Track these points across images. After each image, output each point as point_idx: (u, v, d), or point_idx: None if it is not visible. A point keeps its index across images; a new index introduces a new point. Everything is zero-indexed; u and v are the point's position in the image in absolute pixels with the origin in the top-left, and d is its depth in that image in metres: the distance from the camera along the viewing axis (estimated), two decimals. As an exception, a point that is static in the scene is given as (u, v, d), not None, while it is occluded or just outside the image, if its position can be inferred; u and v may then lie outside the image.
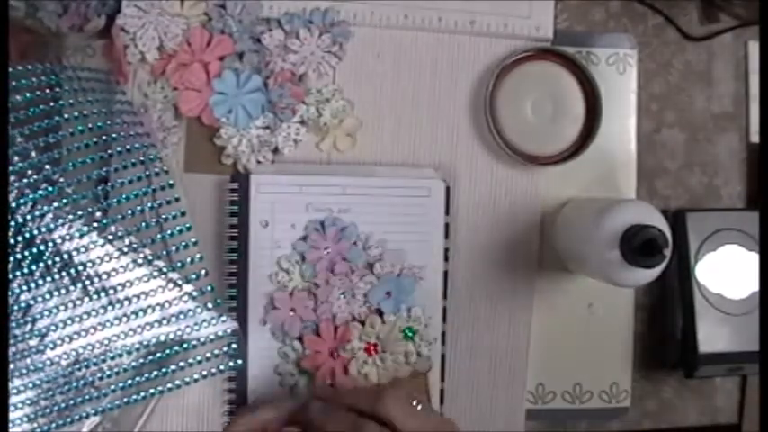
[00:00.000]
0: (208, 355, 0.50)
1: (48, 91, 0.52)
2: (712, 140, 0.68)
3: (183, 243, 0.50)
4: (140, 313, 0.50)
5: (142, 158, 0.52)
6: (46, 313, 0.49)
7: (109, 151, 0.51)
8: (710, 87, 0.68)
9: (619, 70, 0.65)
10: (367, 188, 0.60)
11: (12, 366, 0.49)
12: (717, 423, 0.67)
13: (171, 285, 0.50)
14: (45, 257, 0.49)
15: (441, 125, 0.63)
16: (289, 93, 0.60)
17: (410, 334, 0.57)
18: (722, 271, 0.63)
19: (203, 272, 0.50)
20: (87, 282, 0.50)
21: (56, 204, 0.49)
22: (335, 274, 0.57)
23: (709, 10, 0.68)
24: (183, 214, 0.51)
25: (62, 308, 0.50)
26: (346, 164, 0.62)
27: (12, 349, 0.49)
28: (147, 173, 0.52)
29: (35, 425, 0.50)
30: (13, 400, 0.50)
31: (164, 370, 0.50)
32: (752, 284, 0.63)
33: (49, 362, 0.49)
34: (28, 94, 0.51)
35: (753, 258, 0.63)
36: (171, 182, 0.51)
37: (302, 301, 0.57)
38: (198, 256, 0.51)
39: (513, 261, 0.63)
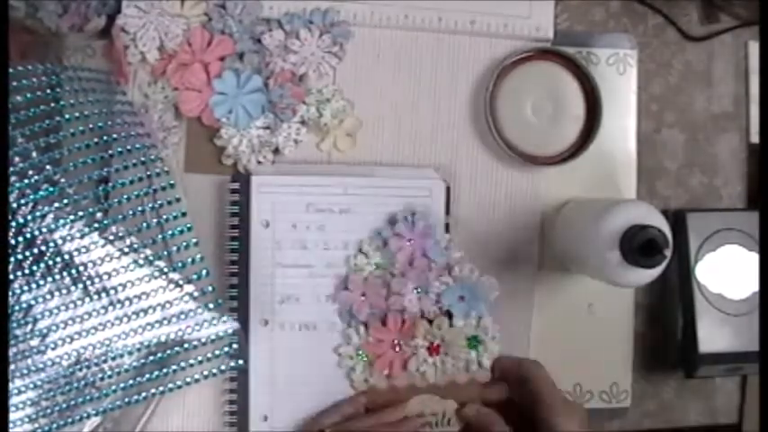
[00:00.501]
0: (209, 355, 0.50)
1: (48, 91, 0.52)
2: (712, 140, 0.68)
3: (184, 243, 0.50)
4: (141, 314, 0.50)
5: (143, 159, 0.52)
6: (47, 314, 0.49)
7: (109, 152, 0.51)
8: (710, 87, 0.68)
9: (619, 70, 0.65)
10: (367, 188, 0.60)
11: (13, 367, 0.49)
12: (717, 423, 0.67)
13: (172, 286, 0.50)
14: (46, 258, 0.49)
15: (441, 125, 0.63)
16: (289, 93, 0.60)
17: (475, 343, 0.57)
18: (722, 271, 0.63)
19: (204, 272, 0.50)
20: (88, 282, 0.50)
21: (57, 205, 0.49)
22: (414, 267, 0.58)
23: (710, 10, 0.68)
24: (183, 215, 0.51)
25: (63, 308, 0.50)
26: (346, 164, 0.62)
27: (13, 350, 0.49)
28: (148, 173, 0.51)
29: (36, 425, 0.50)
30: (13, 400, 0.50)
31: (164, 370, 0.50)
32: (752, 284, 0.63)
33: (50, 362, 0.49)
34: (28, 95, 0.51)
35: (753, 258, 0.63)
36: (171, 182, 0.51)
37: (375, 287, 0.57)
38: (198, 256, 0.51)
39: (513, 261, 0.63)
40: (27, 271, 0.49)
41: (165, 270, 0.50)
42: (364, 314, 0.57)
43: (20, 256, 0.49)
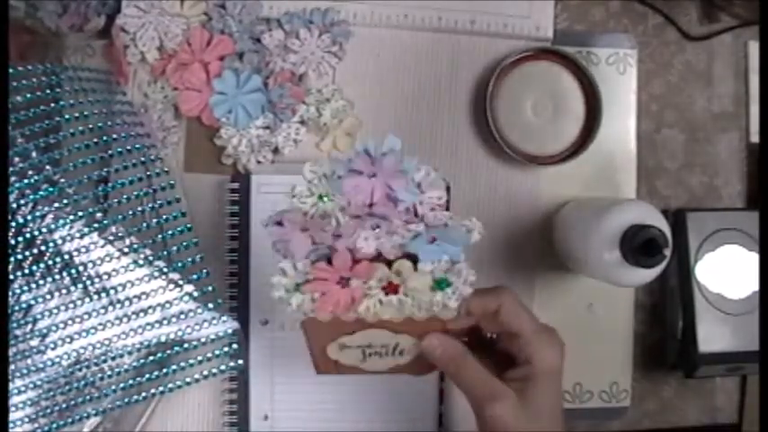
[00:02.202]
0: (209, 355, 0.50)
1: (48, 91, 0.52)
2: (712, 140, 0.68)
3: (184, 243, 0.51)
4: (141, 314, 0.50)
5: (143, 159, 0.52)
6: (47, 314, 0.49)
7: (109, 152, 0.51)
8: (710, 87, 0.68)
9: (619, 70, 0.65)
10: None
11: (13, 367, 0.49)
12: (717, 423, 0.67)
13: (171, 286, 0.50)
14: (46, 258, 0.49)
15: (441, 125, 0.63)
16: (289, 93, 0.60)
17: (443, 286, 0.45)
18: (722, 271, 0.63)
19: (204, 272, 0.50)
20: (88, 282, 0.50)
21: (56, 205, 0.49)
22: (373, 209, 0.44)
23: (710, 10, 0.68)
24: (183, 215, 0.51)
25: (63, 308, 0.50)
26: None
27: (13, 350, 0.49)
28: (148, 173, 0.52)
29: (36, 425, 0.50)
30: (13, 400, 0.50)
31: (164, 370, 0.51)
32: (752, 284, 0.63)
33: (49, 362, 0.50)
34: (28, 95, 0.51)
35: (753, 258, 0.63)
36: (171, 182, 0.51)
37: (319, 224, 0.44)
38: (198, 256, 0.51)
39: (513, 261, 0.63)
40: (27, 271, 0.49)
41: (165, 270, 0.50)
42: (304, 250, 0.44)
43: (20, 256, 0.49)
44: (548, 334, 0.46)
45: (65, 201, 0.49)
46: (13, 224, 0.49)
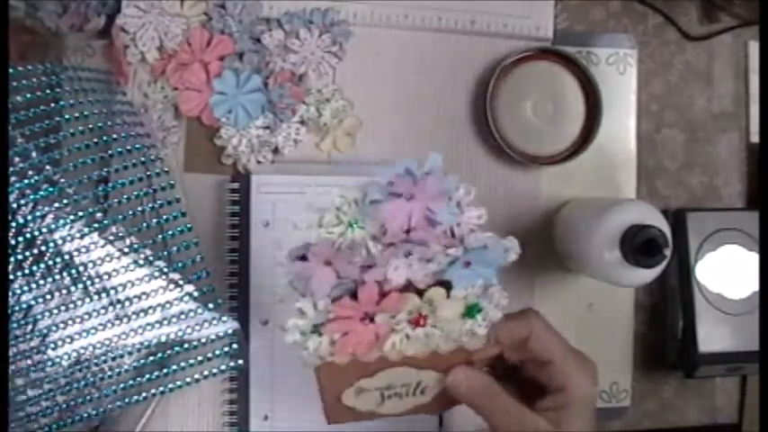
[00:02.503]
0: (209, 355, 0.50)
1: (48, 91, 0.52)
2: (712, 140, 0.68)
3: (184, 243, 0.51)
4: (141, 314, 0.50)
5: (143, 159, 0.52)
6: (47, 314, 0.49)
7: (109, 152, 0.51)
8: (710, 87, 0.68)
9: (619, 70, 0.65)
10: (367, 188, 0.59)
11: (13, 367, 0.49)
12: (717, 423, 0.67)
13: (171, 286, 0.50)
14: (46, 258, 0.49)
15: (441, 125, 0.63)
16: (289, 93, 0.60)
17: (474, 313, 0.42)
18: (722, 271, 0.63)
19: (204, 272, 0.50)
20: (88, 282, 0.50)
21: (56, 205, 0.49)
22: (411, 235, 0.40)
23: (710, 10, 0.68)
24: (183, 215, 0.51)
25: (63, 308, 0.50)
26: (346, 164, 0.62)
27: (13, 350, 0.49)
28: (148, 173, 0.52)
29: (36, 425, 0.50)
30: (14, 400, 0.50)
31: (165, 370, 0.51)
32: (752, 284, 0.63)
33: (50, 362, 0.49)
34: (28, 95, 0.51)
35: (753, 258, 0.63)
36: (171, 182, 0.51)
37: (346, 255, 0.39)
38: (198, 256, 0.51)
39: (514, 261, 0.63)
40: (27, 271, 0.49)
41: (165, 270, 0.50)
42: (327, 287, 0.39)
43: (20, 257, 0.49)
44: (581, 359, 0.43)
45: (65, 201, 0.49)
46: (14, 224, 0.49)
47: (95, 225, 0.50)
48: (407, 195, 0.39)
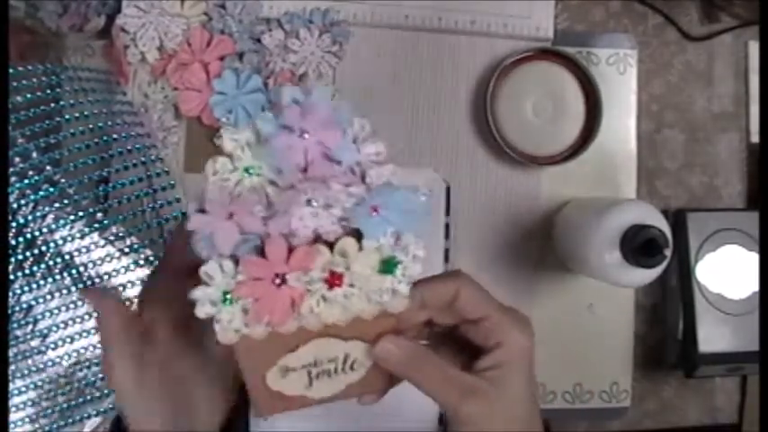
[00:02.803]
0: (209, 355, 0.50)
1: (48, 91, 0.52)
2: (712, 140, 0.68)
3: (184, 243, 0.50)
4: (141, 314, 0.50)
5: (143, 159, 0.52)
6: (47, 314, 0.49)
7: (109, 152, 0.52)
8: (710, 87, 0.68)
9: (619, 70, 0.65)
10: (367, 188, 0.59)
11: (13, 367, 0.49)
12: (717, 423, 0.67)
13: (172, 286, 0.50)
14: (46, 258, 0.49)
15: (441, 125, 0.63)
16: (289, 93, 0.60)
17: (391, 267, 0.38)
18: (722, 271, 0.63)
19: (204, 272, 0.50)
20: (89, 282, 0.50)
21: (57, 205, 0.49)
22: (308, 174, 0.37)
23: (710, 10, 0.68)
24: (183, 215, 0.51)
25: (63, 309, 0.50)
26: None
27: (13, 350, 0.49)
28: (148, 173, 0.52)
29: (36, 425, 0.50)
30: (14, 401, 0.50)
31: (165, 370, 0.50)
32: (752, 284, 0.63)
33: (50, 363, 0.50)
34: (29, 95, 0.51)
35: (753, 258, 0.63)
36: (171, 182, 0.51)
37: (248, 204, 0.37)
38: (199, 256, 0.51)
39: (514, 261, 0.63)
40: (28, 271, 0.49)
41: (166, 270, 0.50)
42: (231, 243, 0.36)
43: (20, 257, 0.49)
44: (514, 314, 0.41)
45: (65, 201, 0.49)
46: (14, 224, 0.49)
47: (96, 225, 0.50)
48: (298, 130, 0.36)
